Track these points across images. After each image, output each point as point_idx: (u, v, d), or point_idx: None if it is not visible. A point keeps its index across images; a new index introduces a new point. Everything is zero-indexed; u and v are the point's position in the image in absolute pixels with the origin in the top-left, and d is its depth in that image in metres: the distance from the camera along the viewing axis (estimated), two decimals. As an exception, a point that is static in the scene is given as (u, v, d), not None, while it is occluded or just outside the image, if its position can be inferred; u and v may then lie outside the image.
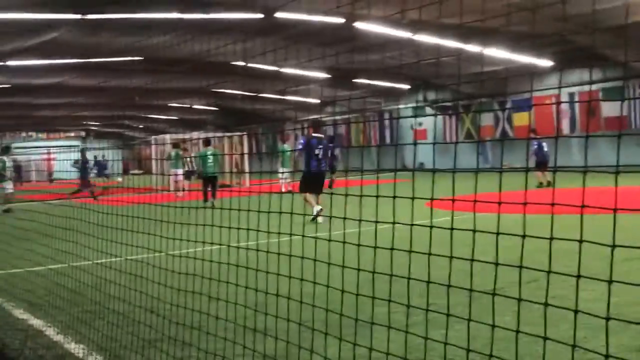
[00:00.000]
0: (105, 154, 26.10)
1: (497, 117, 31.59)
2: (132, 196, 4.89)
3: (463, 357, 2.20)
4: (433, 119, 34.14)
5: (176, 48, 19.89)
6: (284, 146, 26.55)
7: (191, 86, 32.00)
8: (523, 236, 1.95)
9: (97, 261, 4.70)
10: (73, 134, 59.94)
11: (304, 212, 9.78)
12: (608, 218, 1.70)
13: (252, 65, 25.19)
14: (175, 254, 3.60)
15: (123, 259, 4.19)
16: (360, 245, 2.35)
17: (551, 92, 28.50)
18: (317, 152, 11.82)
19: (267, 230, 2.84)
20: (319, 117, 40.91)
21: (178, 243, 3.50)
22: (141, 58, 23.77)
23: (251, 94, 36.61)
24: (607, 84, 26.64)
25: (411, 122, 34.82)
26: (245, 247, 3.30)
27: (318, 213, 10.88)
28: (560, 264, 1.84)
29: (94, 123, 56.34)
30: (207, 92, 35.82)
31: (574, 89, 27.41)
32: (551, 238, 1.86)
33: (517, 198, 1.99)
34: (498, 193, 2.01)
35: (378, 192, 2.32)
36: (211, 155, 17.09)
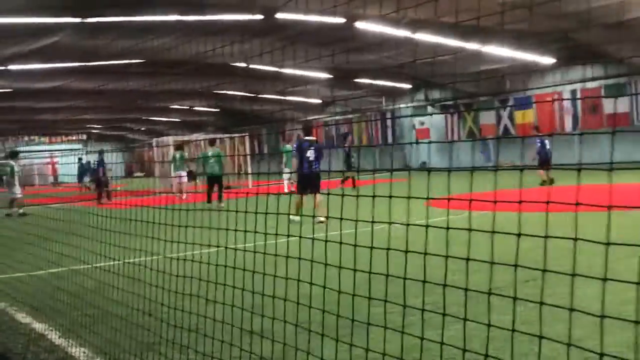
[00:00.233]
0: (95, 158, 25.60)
1: (499, 116, 31.53)
2: (135, 199, 4.90)
3: (459, 357, 2.19)
4: (435, 118, 34.09)
5: (176, 50, 19.92)
6: (287, 146, 26.45)
7: (192, 88, 32.06)
8: (518, 235, 1.94)
9: (97, 265, 4.71)
10: (75, 138, 60.12)
11: (301, 213, 9.71)
12: (607, 215, 1.69)
13: (253, 66, 25.20)
14: (172, 257, 3.60)
15: (121, 262, 4.20)
16: (356, 246, 2.34)
17: (553, 90, 28.44)
18: (308, 155, 11.96)
19: (265, 232, 2.83)
20: (315, 118, 40.89)
21: (176, 246, 3.50)
22: (141, 60, 23.80)
23: (252, 95, 36.62)
24: (609, 81, 26.59)
25: (413, 122, 34.76)
26: (242, 249, 3.30)
27: (294, 220, 10.85)
28: (558, 262, 1.83)
29: (96, 126, 56.48)
30: (208, 94, 35.85)
31: (576, 86, 27.37)
32: (546, 237, 1.85)
33: (518, 196, 1.98)
34: (498, 191, 2.00)
35: (374, 192, 2.31)
36: (213, 155, 16.93)
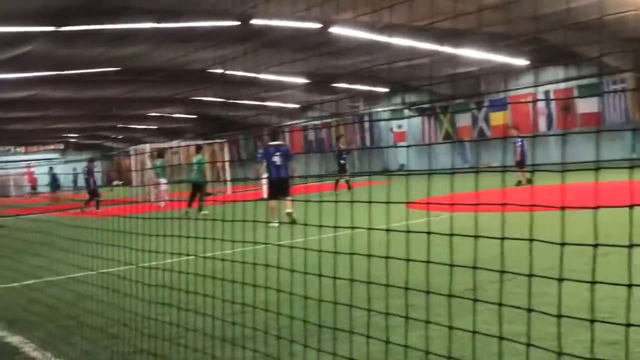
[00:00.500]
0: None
1: (475, 117, 31.85)
2: (117, 208, 4.83)
3: (445, 353, 2.18)
4: (412, 121, 34.32)
5: (152, 57, 19.73)
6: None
7: (168, 95, 31.79)
8: (502, 239, 1.94)
9: (71, 275, 4.62)
10: (52, 147, 59.32)
11: (280, 220, 9.62)
12: (584, 214, 1.69)
13: (230, 72, 25.11)
14: (145, 266, 3.54)
15: (95, 273, 4.12)
16: (336, 252, 2.32)
17: (527, 91, 28.79)
18: (275, 160, 12.03)
19: (242, 239, 2.79)
20: (294, 123, 40.90)
21: (154, 255, 3.44)
22: (117, 68, 23.54)
23: (230, 101, 36.49)
24: (582, 81, 27.02)
25: (391, 125, 34.97)
26: (220, 258, 3.25)
27: (279, 221, 10.83)
28: (539, 261, 1.83)
29: (73, 135, 55.78)
30: (186, 100, 35.62)
31: (549, 87, 27.75)
32: (530, 239, 1.86)
33: (497, 197, 1.98)
34: (477, 192, 1.99)
35: (353, 198, 2.29)
36: (197, 162, 16.84)
